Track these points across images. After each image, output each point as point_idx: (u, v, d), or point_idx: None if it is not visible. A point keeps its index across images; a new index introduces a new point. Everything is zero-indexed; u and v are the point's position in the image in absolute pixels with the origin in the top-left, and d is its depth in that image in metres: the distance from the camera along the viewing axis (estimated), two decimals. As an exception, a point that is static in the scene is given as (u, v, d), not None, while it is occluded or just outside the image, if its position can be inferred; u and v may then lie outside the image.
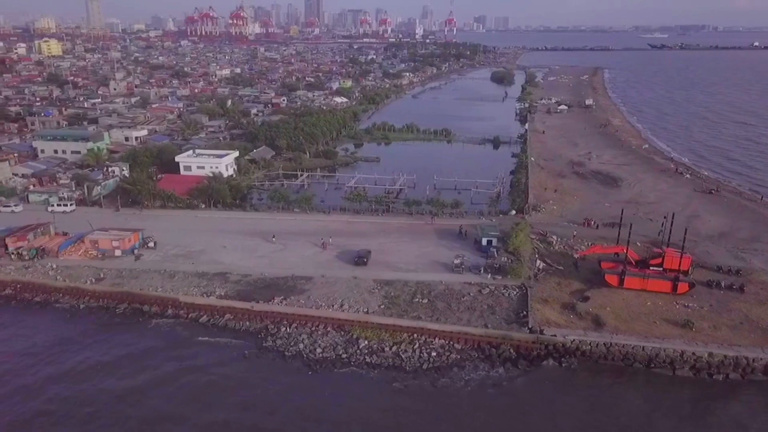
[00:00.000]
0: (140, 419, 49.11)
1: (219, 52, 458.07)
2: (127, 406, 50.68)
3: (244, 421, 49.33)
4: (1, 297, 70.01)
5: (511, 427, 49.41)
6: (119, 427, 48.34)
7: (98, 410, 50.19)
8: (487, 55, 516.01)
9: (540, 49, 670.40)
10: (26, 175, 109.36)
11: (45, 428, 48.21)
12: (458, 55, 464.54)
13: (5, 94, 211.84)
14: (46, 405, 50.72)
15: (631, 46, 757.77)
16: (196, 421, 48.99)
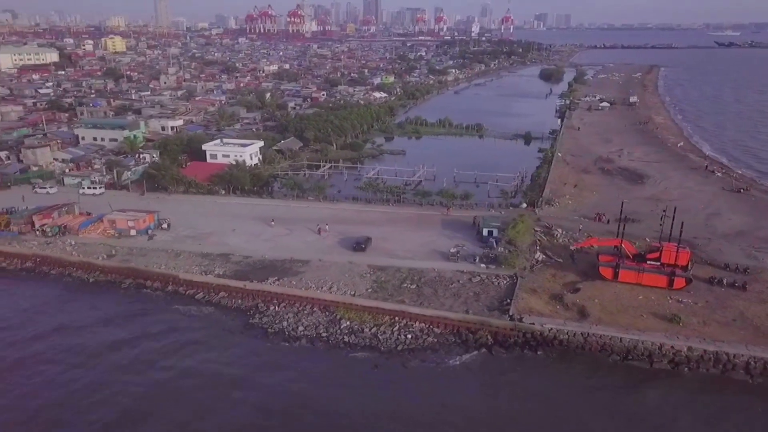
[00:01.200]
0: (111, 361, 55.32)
1: (273, 49, 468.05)
2: (106, 350, 57.38)
3: (206, 370, 54.06)
4: (22, 269, 75.31)
5: (466, 407, 49.85)
6: (97, 361, 55.66)
7: (87, 353, 56.51)
8: (541, 52, 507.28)
9: (598, 47, 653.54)
10: (65, 160, 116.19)
11: (41, 363, 54.86)
12: (509, 53, 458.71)
13: (64, 87, 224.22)
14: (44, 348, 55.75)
15: (697, 44, 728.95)
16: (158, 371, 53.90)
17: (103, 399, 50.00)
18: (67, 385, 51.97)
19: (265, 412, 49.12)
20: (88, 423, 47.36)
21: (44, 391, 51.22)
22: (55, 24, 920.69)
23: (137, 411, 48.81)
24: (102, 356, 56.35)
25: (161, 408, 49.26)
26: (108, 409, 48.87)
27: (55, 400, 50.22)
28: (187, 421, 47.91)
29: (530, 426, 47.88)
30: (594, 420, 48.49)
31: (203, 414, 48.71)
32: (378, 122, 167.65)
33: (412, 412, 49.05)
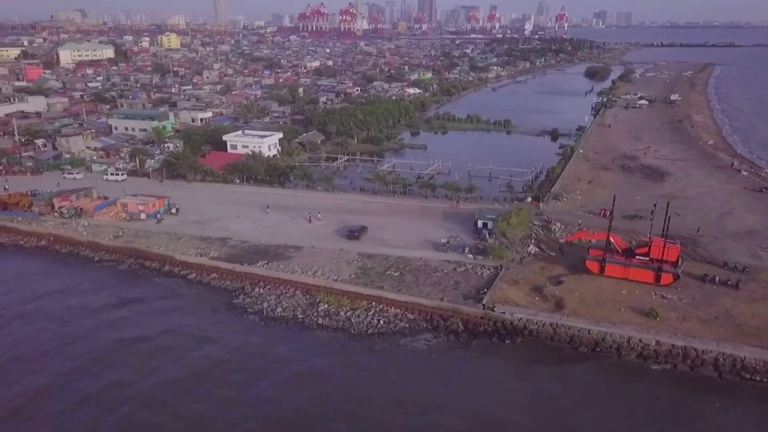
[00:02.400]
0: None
1: (320, 47, 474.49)
2: (90, 312, 63.53)
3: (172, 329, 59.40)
4: (37, 247, 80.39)
5: (418, 388, 50.61)
6: (82, 320, 62.02)
7: (73, 313, 63.18)
8: (592, 50, 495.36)
9: (655, 45, 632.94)
10: (96, 149, 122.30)
11: (42, 318, 62.21)
12: (558, 51, 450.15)
13: (113, 81, 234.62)
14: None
15: (764, 42, 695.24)
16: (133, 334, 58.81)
17: (71, 348, 56.50)
18: (44, 335, 58.85)
19: (217, 363, 53.79)
20: (64, 359, 54.65)
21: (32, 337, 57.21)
22: (121, 23, 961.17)
23: (102, 357, 54.98)
24: (86, 317, 62.10)
25: (125, 354, 55.29)
26: (77, 354, 55.51)
27: (41, 341, 57.97)
28: (146, 363, 53.78)
29: (465, 409, 48.29)
30: (539, 410, 48.23)
31: (160, 359, 54.40)
32: (405, 117, 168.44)
33: (365, 389, 50.52)
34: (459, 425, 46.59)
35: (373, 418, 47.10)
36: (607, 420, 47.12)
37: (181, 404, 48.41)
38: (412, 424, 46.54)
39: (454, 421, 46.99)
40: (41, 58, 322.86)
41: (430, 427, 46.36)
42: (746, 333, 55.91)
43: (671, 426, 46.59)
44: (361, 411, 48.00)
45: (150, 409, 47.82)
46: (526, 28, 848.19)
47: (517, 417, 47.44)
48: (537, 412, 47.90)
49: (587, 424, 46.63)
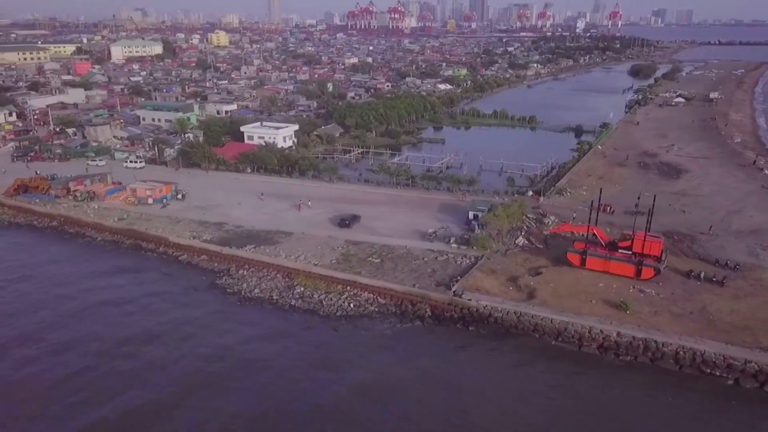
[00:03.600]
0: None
1: (365, 44, 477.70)
2: (78, 279, 69.31)
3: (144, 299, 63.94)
4: (48, 227, 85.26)
5: (369, 368, 51.64)
6: (70, 288, 66.61)
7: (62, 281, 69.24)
8: (642, 48, 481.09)
9: (712, 44, 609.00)
10: (122, 138, 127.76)
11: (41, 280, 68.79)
12: (605, 48, 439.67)
13: (155, 75, 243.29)
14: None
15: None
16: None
17: (56, 304, 63.04)
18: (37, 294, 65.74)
19: (174, 327, 57.72)
20: (50, 313, 61.01)
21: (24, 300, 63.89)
22: (179, 21, 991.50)
23: (80, 313, 60.98)
24: (75, 284, 67.46)
25: (101, 313, 61.15)
26: (63, 311, 61.54)
27: (34, 298, 64.57)
28: (118, 320, 59.32)
29: (411, 391, 49.15)
30: (491, 395, 48.54)
31: (129, 318, 59.79)
32: (428, 112, 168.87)
33: (319, 365, 52.03)
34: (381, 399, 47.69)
35: (285, 385, 49.19)
36: (551, 410, 46.85)
37: (133, 353, 53.49)
38: (334, 390, 48.51)
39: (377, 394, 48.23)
40: (95, 54, 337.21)
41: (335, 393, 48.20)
42: (717, 329, 54.52)
43: (618, 417, 46.08)
44: (271, 376, 50.56)
45: (108, 356, 52.95)
46: (578, 26, 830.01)
47: (451, 402, 47.61)
48: (479, 400, 47.74)
49: (528, 414, 46.36)
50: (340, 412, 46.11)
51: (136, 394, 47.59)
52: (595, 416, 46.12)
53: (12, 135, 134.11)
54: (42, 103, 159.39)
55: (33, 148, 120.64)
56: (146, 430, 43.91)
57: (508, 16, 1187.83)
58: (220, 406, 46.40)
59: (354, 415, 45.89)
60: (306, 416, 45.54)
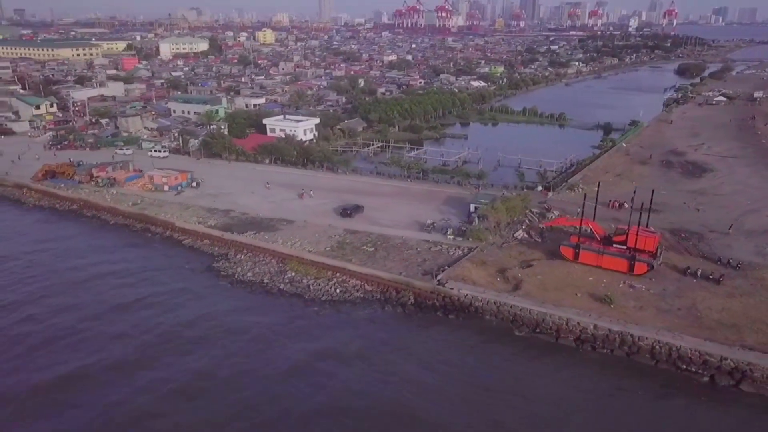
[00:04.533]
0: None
1: (408, 42, 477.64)
2: (81, 260, 72.63)
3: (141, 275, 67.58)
4: (69, 210, 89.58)
5: (339, 352, 52.47)
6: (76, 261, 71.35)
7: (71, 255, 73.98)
8: (695, 47, 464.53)
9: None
10: (152, 129, 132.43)
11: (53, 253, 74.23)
12: (654, 47, 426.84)
13: (197, 71, 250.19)
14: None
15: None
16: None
17: (55, 276, 68.15)
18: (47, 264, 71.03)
19: (159, 300, 61.17)
20: (54, 282, 66.37)
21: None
22: (231, 20, 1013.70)
23: (81, 282, 65.73)
24: (82, 258, 72.32)
25: (97, 283, 65.81)
26: (63, 280, 67.00)
27: (43, 269, 70.17)
28: (113, 291, 63.42)
29: (373, 355, 50.83)
30: (448, 387, 48.31)
31: (121, 290, 63.47)
32: (456, 108, 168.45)
33: (290, 335, 54.29)
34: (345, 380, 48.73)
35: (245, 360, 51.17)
36: (518, 401, 46.56)
37: (122, 317, 58.12)
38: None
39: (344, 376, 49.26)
40: (144, 50, 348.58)
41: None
42: (702, 326, 53.19)
43: (583, 409, 45.62)
44: (242, 341, 53.73)
45: (100, 319, 57.84)
46: (630, 25, 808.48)
47: (416, 388, 47.81)
48: (445, 389, 47.64)
49: (494, 404, 46.18)
50: (301, 373, 49.21)
51: (118, 351, 51.96)
52: (555, 406, 45.72)
53: (52, 125, 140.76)
54: (83, 95, 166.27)
55: (68, 137, 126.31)
56: (121, 381, 47.81)
57: (560, 15, 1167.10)
58: (187, 365, 50.05)
59: (311, 374, 48.98)
60: (267, 377, 48.51)
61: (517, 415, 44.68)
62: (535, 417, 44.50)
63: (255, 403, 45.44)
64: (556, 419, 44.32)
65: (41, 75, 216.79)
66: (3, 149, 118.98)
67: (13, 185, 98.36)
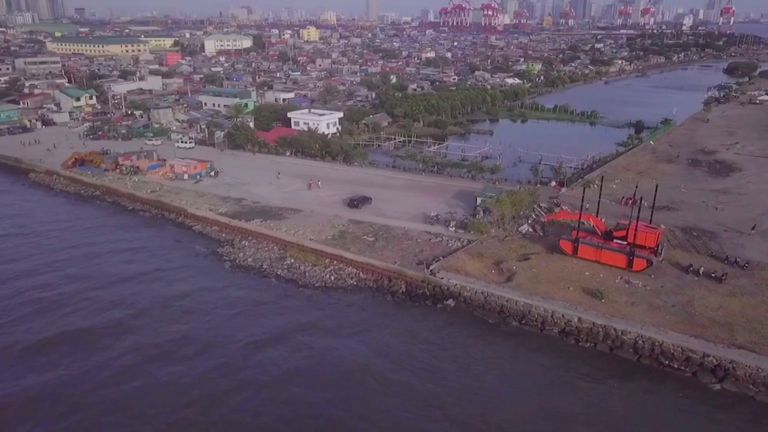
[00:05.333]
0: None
1: (451, 40, 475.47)
2: (95, 237, 77.63)
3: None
4: (92, 196, 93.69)
5: (324, 332, 53.82)
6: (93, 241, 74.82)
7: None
8: (750, 46, 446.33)
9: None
10: (182, 121, 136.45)
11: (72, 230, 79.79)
12: (704, 46, 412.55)
13: (236, 66, 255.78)
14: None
15: None
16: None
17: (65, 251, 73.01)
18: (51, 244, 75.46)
19: (156, 276, 65.21)
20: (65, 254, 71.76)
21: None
22: (280, 19, 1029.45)
23: (91, 256, 70.94)
24: (94, 237, 76.97)
25: (102, 257, 70.52)
26: (76, 253, 72.16)
27: (58, 244, 75.51)
28: (118, 266, 67.93)
29: (340, 329, 52.70)
30: (422, 372, 48.51)
31: (124, 267, 67.56)
32: (486, 105, 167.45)
33: (276, 319, 55.69)
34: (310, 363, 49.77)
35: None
36: (494, 390, 46.53)
37: (119, 288, 62.30)
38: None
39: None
40: (190, 47, 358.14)
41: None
42: (693, 323, 51.90)
43: (554, 403, 45.24)
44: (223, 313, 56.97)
45: (100, 287, 62.53)
46: (684, 23, 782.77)
47: (390, 374, 48.22)
48: (420, 375, 47.82)
49: (475, 395, 46.02)
50: (278, 341, 52.19)
51: (116, 315, 56.65)
52: (529, 398, 45.56)
53: (90, 116, 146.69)
54: (123, 89, 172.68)
55: (103, 128, 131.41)
56: (113, 340, 52.35)
57: (612, 13, 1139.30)
58: (174, 330, 53.91)
59: (288, 343, 52.03)
60: (246, 344, 51.44)
61: (477, 385, 46.43)
62: (491, 392, 45.45)
63: (230, 366, 48.46)
64: (513, 401, 44.88)
65: (88, 70, 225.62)
66: (42, 138, 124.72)
67: (45, 171, 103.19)
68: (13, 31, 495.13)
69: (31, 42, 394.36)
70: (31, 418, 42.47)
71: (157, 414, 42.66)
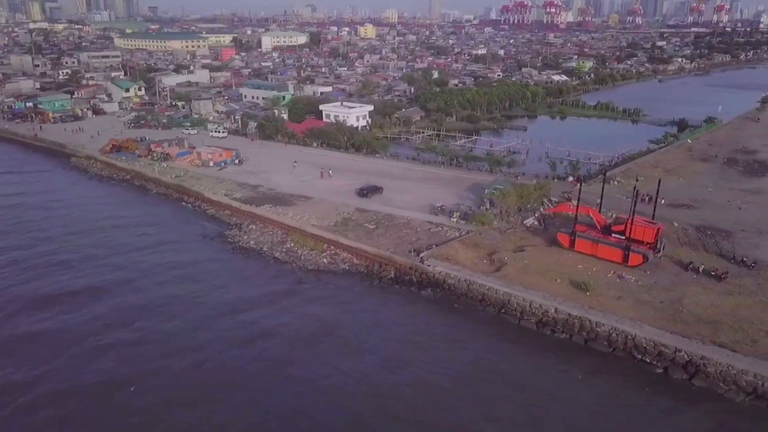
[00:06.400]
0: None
1: (508, 37, 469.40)
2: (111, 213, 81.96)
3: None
4: (123, 179, 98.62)
5: (304, 314, 55.08)
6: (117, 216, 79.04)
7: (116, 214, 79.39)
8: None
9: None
10: (220, 112, 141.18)
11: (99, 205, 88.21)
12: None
13: (287, 62, 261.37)
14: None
15: None
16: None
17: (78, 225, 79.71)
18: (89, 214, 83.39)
19: (156, 248, 70.38)
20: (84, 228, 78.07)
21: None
22: (342, 17, 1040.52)
23: (106, 228, 77.12)
24: (112, 214, 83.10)
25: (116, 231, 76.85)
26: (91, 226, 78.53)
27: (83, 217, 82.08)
28: (124, 240, 73.41)
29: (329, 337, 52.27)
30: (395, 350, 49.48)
31: (131, 239, 73.18)
32: (526, 101, 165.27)
33: (263, 304, 57.16)
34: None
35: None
36: (456, 377, 46.61)
37: (123, 257, 67.74)
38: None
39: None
40: (249, 43, 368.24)
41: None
42: (677, 319, 50.33)
43: (520, 388, 45.03)
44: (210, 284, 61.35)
45: (106, 253, 68.88)
46: (762, 21, 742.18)
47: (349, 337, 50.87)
48: (381, 359, 48.43)
49: (435, 379, 46.47)
50: (252, 306, 56.40)
51: (115, 275, 62.79)
52: (495, 383, 45.49)
53: (137, 106, 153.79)
54: (173, 81, 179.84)
55: (146, 117, 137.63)
56: (104, 298, 57.94)
57: (685, 11, 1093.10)
58: (159, 292, 59.06)
59: (259, 308, 55.88)
60: (220, 315, 54.56)
61: (438, 361, 47.50)
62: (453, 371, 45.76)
63: (200, 324, 53.01)
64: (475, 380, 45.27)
65: (145, 63, 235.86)
66: (90, 126, 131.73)
67: (84, 156, 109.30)
68: (88, 28, 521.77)
69: (102, 38, 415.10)
70: (32, 356, 48.05)
71: (143, 361, 47.25)
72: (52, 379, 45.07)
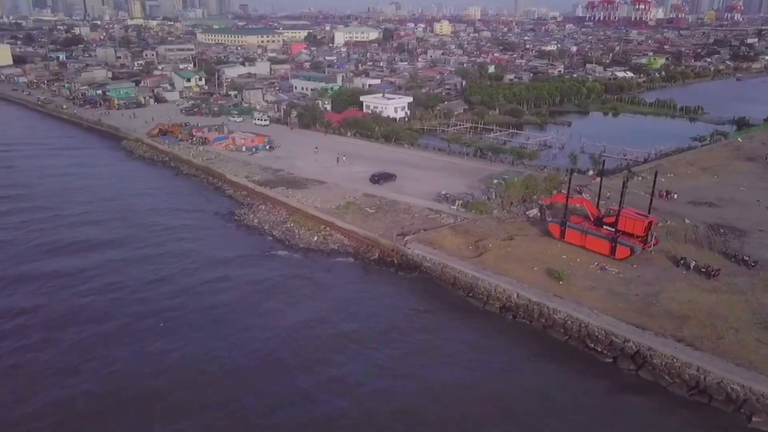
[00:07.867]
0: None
1: (584, 33, 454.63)
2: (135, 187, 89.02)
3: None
4: (161, 161, 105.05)
5: (291, 288, 57.49)
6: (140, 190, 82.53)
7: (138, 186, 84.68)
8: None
9: None
10: (269, 101, 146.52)
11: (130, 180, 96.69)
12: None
13: (352, 56, 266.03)
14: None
15: None
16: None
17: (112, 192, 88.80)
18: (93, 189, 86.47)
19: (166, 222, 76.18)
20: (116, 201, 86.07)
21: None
22: (425, 14, 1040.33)
23: (130, 198, 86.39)
24: (140, 189, 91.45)
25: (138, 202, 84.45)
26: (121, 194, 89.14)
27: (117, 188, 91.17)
28: (143, 208, 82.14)
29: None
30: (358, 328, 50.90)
31: (150, 211, 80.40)
32: (580, 96, 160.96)
33: (253, 277, 60.16)
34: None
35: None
36: (420, 358, 47.21)
37: (138, 226, 74.73)
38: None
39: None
40: (324, 39, 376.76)
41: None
42: (644, 313, 48.83)
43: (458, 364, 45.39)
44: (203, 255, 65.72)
45: (125, 217, 78.11)
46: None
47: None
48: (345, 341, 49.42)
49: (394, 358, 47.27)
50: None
51: (119, 233, 71.36)
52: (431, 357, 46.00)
53: (197, 95, 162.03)
54: (234, 72, 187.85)
55: (199, 105, 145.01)
56: (102, 257, 64.39)
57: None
58: (155, 252, 65.84)
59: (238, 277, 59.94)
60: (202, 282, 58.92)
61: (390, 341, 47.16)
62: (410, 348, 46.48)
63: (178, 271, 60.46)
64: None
65: (216, 56, 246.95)
66: (148, 113, 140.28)
67: (134, 139, 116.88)
68: (179, 24, 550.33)
69: (188, 33, 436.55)
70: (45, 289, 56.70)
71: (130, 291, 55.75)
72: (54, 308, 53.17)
